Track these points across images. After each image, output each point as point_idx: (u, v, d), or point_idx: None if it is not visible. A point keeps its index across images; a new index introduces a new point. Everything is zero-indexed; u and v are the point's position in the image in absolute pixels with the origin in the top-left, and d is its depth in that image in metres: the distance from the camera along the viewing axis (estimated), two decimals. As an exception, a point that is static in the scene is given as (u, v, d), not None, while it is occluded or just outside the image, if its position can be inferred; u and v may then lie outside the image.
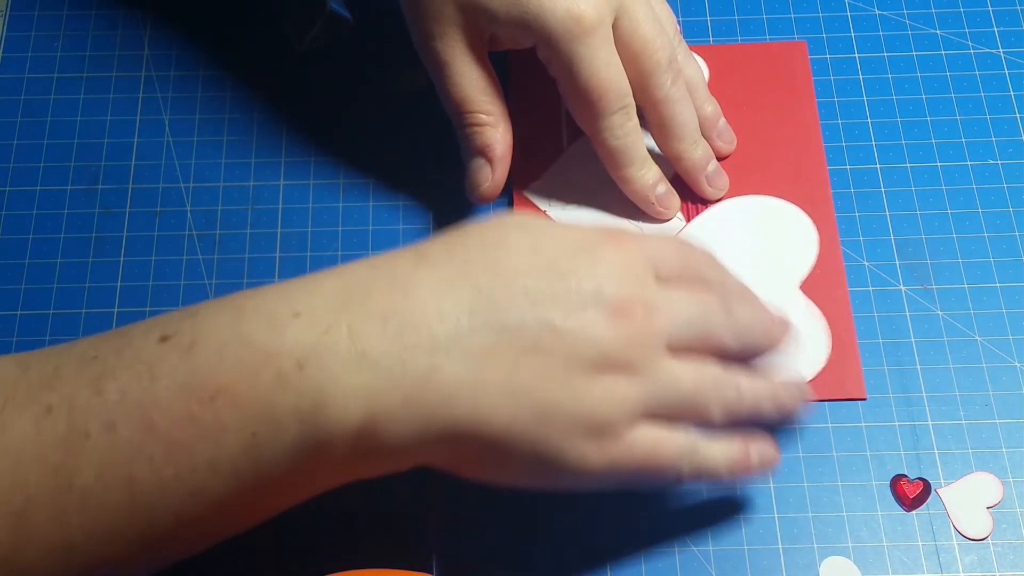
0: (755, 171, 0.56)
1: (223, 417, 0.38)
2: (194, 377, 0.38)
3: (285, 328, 0.39)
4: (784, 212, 0.55)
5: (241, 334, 0.39)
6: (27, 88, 0.60)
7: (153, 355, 0.39)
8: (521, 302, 0.40)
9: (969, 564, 0.48)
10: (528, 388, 0.40)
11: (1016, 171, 0.56)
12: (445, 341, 0.39)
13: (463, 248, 0.42)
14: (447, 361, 0.39)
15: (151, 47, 0.61)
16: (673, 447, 0.43)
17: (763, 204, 0.56)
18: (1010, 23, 0.60)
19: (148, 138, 0.58)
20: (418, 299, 0.40)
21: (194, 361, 0.38)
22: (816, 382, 0.51)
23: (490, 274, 0.41)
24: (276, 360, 0.38)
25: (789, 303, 0.53)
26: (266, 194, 0.57)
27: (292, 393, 0.38)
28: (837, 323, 0.52)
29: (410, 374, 0.39)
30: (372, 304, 0.40)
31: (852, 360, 0.52)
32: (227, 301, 0.41)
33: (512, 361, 0.39)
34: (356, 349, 0.38)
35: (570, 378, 0.40)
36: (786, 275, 0.54)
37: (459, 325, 0.39)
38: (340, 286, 0.41)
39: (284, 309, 0.39)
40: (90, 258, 0.55)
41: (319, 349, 0.38)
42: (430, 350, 0.39)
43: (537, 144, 0.57)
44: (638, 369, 0.41)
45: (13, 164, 0.58)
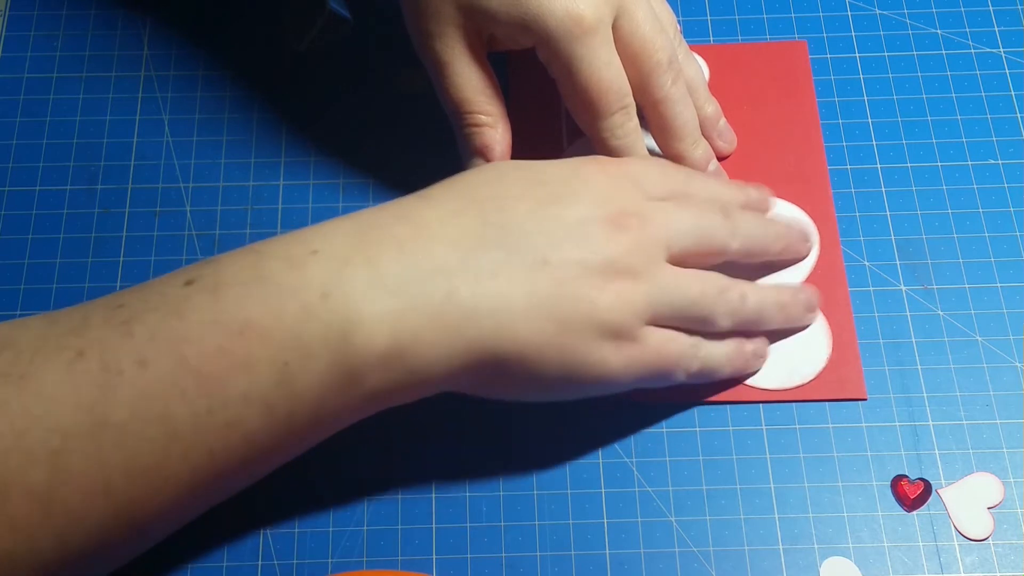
0: (755, 171, 0.56)
1: (253, 349, 0.39)
2: (222, 314, 0.39)
3: (305, 265, 0.41)
4: (785, 211, 0.55)
5: (263, 274, 0.40)
6: (27, 88, 0.60)
7: (179, 297, 0.40)
8: (526, 224, 0.43)
9: (970, 564, 0.48)
10: (544, 300, 0.42)
11: (1017, 171, 0.56)
12: (459, 264, 0.42)
13: (464, 185, 0.46)
14: (464, 282, 0.41)
15: (151, 47, 0.61)
16: (680, 345, 0.46)
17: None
18: (1011, 22, 0.60)
19: (148, 138, 0.58)
20: (428, 230, 0.43)
21: (220, 300, 0.40)
22: (816, 382, 0.51)
23: (493, 203, 0.44)
24: (300, 294, 0.40)
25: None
26: (266, 194, 0.57)
27: (318, 323, 0.40)
28: (837, 323, 0.52)
29: (431, 297, 0.41)
30: (386, 237, 0.42)
31: (852, 360, 0.52)
32: (245, 249, 0.42)
33: (525, 277, 0.42)
34: (376, 277, 0.41)
35: (581, 287, 0.43)
36: (786, 275, 0.54)
37: (470, 248, 0.42)
38: (353, 226, 0.43)
39: (302, 249, 0.41)
40: (90, 258, 0.55)
41: (340, 280, 0.40)
42: (447, 273, 0.41)
43: (537, 144, 0.57)
44: (642, 275, 0.44)
45: (13, 164, 0.57)
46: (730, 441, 0.50)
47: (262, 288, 0.40)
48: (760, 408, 0.51)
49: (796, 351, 0.52)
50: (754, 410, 0.51)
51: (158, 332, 0.39)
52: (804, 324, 0.51)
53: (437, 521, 0.49)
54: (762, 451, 0.50)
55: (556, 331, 0.43)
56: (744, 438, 0.51)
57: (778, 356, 0.52)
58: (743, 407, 0.51)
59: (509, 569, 0.48)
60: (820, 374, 0.52)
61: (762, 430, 0.51)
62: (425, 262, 0.42)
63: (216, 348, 0.39)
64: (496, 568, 0.48)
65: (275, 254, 0.41)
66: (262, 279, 0.40)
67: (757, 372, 0.51)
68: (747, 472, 0.50)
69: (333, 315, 0.40)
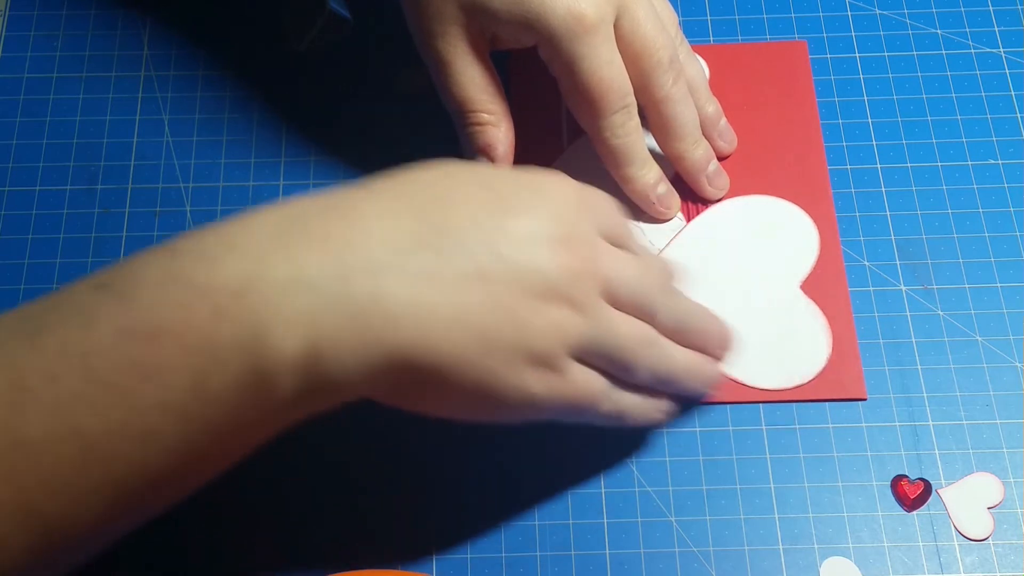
0: (756, 170, 0.56)
1: (165, 357, 0.37)
2: (132, 320, 0.37)
3: (220, 262, 0.38)
4: (785, 211, 0.55)
5: (175, 273, 0.38)
6: (27, 88, 0.60)
7: (90, 304, 0.38)
8: (468, 229, 0.40)
9: (970, 565, 0.48)
10: (472, 315, 0.39)
11: (1017, 171, 0.56)
12: (388, 264, 0.39)
13: (410, 181, 0.42)
14: (390, 284, 0.38)
15: (151, 47, 0.61)
16: (600, 385, 0.44)
17: (764, 204, 0.56)
18: (1011, 22, 0.60)
19: (148, 138, 0.58)
20: (360, 223, 0.39)
21: (131, 305, 0.38)
22: (816, 382, 0.51)
23: (436, 203, 0.41)
24: (212, 294, 0.37)
25: (790, 303, 0.53)
26: (266, 194, 0.57)
27: (230, 325, 0.37)
28: (838, 323, 0.52)
29: (352, 297, 0.38)
30: (312, 230, 0.39)
31: (852, 360, 0.52)
32: (164, 245, 0.40)
33: (457, 287, 0.39)
34: (294, 273, 0.38)
35: (515, 307, 0.40)
36: (787, 275, 0.54)
37: (403, 248, 0.39)
38: (278, 217, 0.40)
39: (219, 245, 0.39)
40: (90, 258, 0.55)
41: (255, 277, 0.38)
42: (373, 272, 0.38)
43: (537, 144, 0.57)
44: (580, 306, 0.42)
45: (13, 164, 0.57)
46: (730, 441, 0.50)
47: (174, 289, 0.38)
48: (760, 408, 0.51)
49: (796, 351, 0.52)
50: (754, 410, 0.51)
51: (67, 344, 0.37)
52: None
53: (437, 521, 0.49)
54: (762, 451, 0.50)
55: (480, 350, 0.40)
56: (744, 438, 0.51)
57: (778, 356, 0.52)
58: (743, 407, 0.51)
59: (509, 569, 0.48)
60: (820, 374, 0.51)
61: (762, 430, 0.51)
62: (351, 259, 0.38)
63: (126, 358, 0.37)
64: (496, 568, 0.48)
65: (190, 250, 0.39)
66: (175, 279, 0.38)
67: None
68: (747, 472, 0.50)
69: (245, 316, 0.37)
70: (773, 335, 0.52)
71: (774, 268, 0.54)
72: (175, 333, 0.37)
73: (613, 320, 0.43)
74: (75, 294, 0.39)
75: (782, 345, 0.52)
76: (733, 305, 0.52)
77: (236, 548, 0.48)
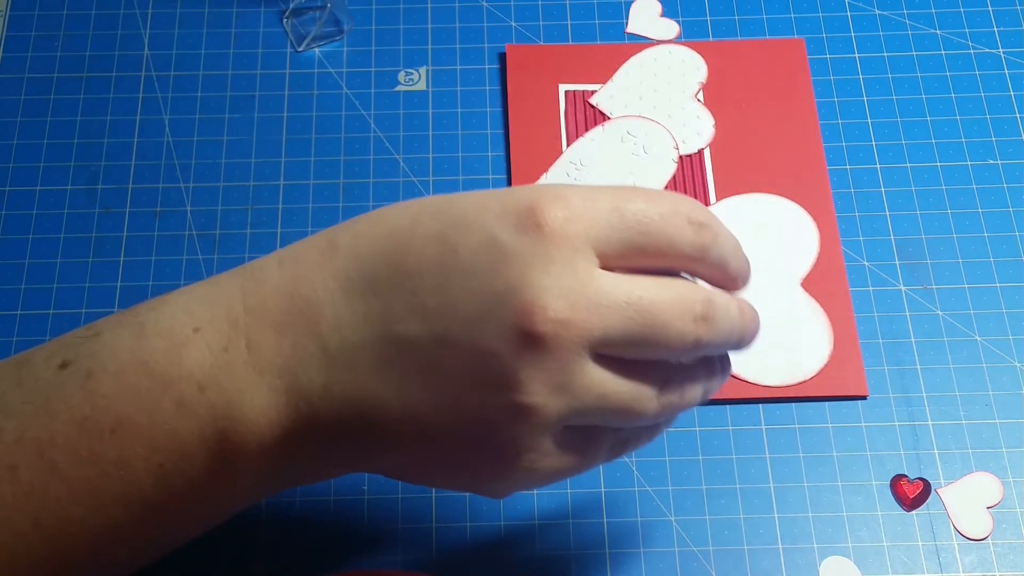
0: (755, 169, 0.56)
1: (126, 451, 0.36)
2: (94, 409, 0.36)
3: (185, 347, 0.37)
4: (785, 210, 0.55)
5: (140, 357, 0.36)
6: (27, 88, 0.60)
7: (52, 385, 0.37)
8: (417, 311, 0.36)
9: (969, 564, 0.48)
10: (423, 407, 0.36)
11: (1016, 171, 0.56)
12: (339, 355, 0.36)
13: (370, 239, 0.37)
14: (342, 376, 0.36)
15: (151, 47, 0.61)
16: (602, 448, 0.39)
17: (763, 202, 0.56)
18: (1010, 23, 0.60)
19: (148, 138, 0.58)
20: (314, 305, 0.37)
21: (93, 391, 0.36)
22: (818, 379, 0.51)
23: (391, 271, 0.36)
24: (176, 385, 0.36)
25: (791, 300, 0.53)
26: (266, 194, 0.57)
27: (195, 421, 0.36)
28: (839, 320, 0.52)
29: (309, 390, 0.36)
30: (271, 308, 0.37)
31: (854, 357, 0.52)
32: (130, 315, 0.38)
33: (405, 377, 0.36)
34: (256, 363, 0.36)
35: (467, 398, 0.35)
36: (787, 273, 0.54)
37: (352, 338, 0.36)
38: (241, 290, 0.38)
39: (184, 323, 0.37)
40: (90, 258, 0.55)
41: (217, 370, 0.36)
42: (326, 366, 0.36)
43: (536, 145, 0.57)
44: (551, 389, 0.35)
45: (13, 164, 0.57)
46: (730, 441, 0.51)
47: (137, 378, 0.36)
48: (760, 408, 0.51)
49: (798, 347, 0.52)
50: (754, 410, 0.51)
51: (26, 433, 0.36)
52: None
53: (437, 521, 0.49)
54: (762, 451, 0.50)
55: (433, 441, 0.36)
56: (744, 438, 0.51)
57: (780, 352, 0.52)
58: (743, 407, 0.51)
59: (509, 569, 0.48)
60: (821, 371, 0.52)
61: (761, 430, 0.51)
62: (304, 352, 0.36)
63: (88, 452, 0.36)
64: (496, 568, 0.48)
65: (158, 329, 0.37)
66: (138, 364, 0.36)
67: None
68: (747, 472, 0.50)
69: (209, 411, 0.36)
70: (775, 333, 0.52)
71: (775, 266, 0.54)
72: (138, 425, 0.36)
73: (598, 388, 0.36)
74: (37, 369, 0.38)
75: (784, 342, 0.52)
76: None
77: (235, 547, 0.48)
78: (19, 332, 0.53)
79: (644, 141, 0.56)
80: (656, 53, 0.60)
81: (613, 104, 0.58)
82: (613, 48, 0.60)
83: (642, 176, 0.56)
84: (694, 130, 0.58)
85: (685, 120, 0.58)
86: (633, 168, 0.57)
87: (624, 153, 0.57)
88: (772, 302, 0.53)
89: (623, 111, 0.58)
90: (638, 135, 0.57)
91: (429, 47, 0.60)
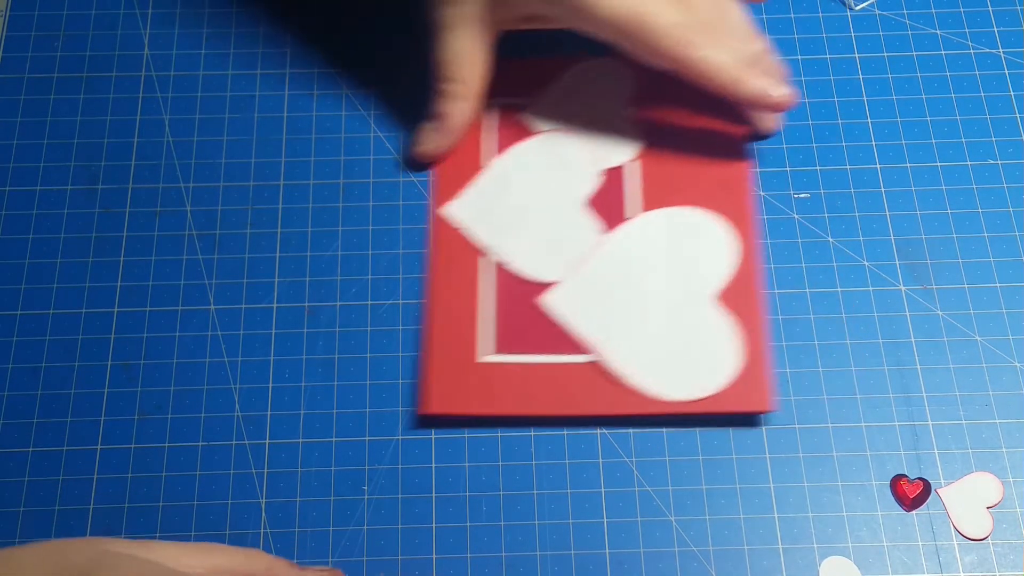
0: (679, 182, 0.55)
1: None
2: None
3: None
4: (706, 224, 0.54)
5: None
6: (28, 88, 0.60)
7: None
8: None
9: (969, 564, 0.48)
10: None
11: (1016, 171, 0.56)
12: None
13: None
14: None
15: (151, 47, 0.61)
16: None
17: (685, 215, 0.55)
18: (1010, 23, 0.60)
19: (148, 138, 0.58)
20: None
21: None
22: (724, 394, 0.50)
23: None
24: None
25: (704, 314, 0.52)
26: (266, 194, 0.57)
27: None
28: (750, 335, 0.52)
29: None
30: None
31: (762, 373, 0.51)
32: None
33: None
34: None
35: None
36: (704, 286, 0.53)
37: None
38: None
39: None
40: (90, 258, 0.55)
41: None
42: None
43: (456, 162, 0.56)
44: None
45: (13, 164, 0.58)
46: (730, 441, 0.51)
47: None
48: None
49: (705, 362, 0.51)
50: (754, 410, 0.51)
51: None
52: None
53: (437, 521, 0.49)
54: (762, 451, 0.50)
55: None
56: (744, 438, 0.51)
57: (687, 367, 0.51)
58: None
59: (509, 569, 0.48)
60: (729, 387, 0.51)
61: (762, 430, 0.51)
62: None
63: None
64: (496, 568, 0.48)
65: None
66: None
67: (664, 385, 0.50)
68: (747, 472, 0.50)
69: None
70: (684, 346, 0.51)
71: (691, 280, 0.53)
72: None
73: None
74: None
75: (694, 357, 0.51)
76: (648, 316, 0.52)
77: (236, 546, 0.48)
78: (19, 332, 0.53)
79: (568, 155, 0.56)
80: (584, 67, 0.59)
81: (539, 118, 0.57)
82: (539, 62, 0.59)
83: (564, 190, 0.56)
84: (619, 143, 0.57)
85: (610, 134, 0.57)
86: (556, 182, 0.56)
87: (548, 167, 0.56)
88: (685, 316, 0.52)
89: (549, 125, 0.57)
90: (562, 149, 0.56)
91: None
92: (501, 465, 0.50)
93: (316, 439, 0.51)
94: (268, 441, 0.51)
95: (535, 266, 0.54)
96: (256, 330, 0.53)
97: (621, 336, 0.52)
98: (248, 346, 0.53)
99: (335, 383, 0.52)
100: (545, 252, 0.54)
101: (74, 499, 0.50)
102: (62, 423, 0.51)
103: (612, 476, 0.50)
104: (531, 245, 0.54)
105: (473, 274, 0.54)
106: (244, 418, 0.51)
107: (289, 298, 0.54)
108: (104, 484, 0.50)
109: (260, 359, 0.53)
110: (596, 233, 0.55)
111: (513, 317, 0.53)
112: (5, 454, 0.51)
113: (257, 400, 0.52)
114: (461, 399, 0.51)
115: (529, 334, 0.52)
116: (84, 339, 0.53)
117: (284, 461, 0.50)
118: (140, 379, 0.52)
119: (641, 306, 0.52)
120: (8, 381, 0.52)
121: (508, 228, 0.55)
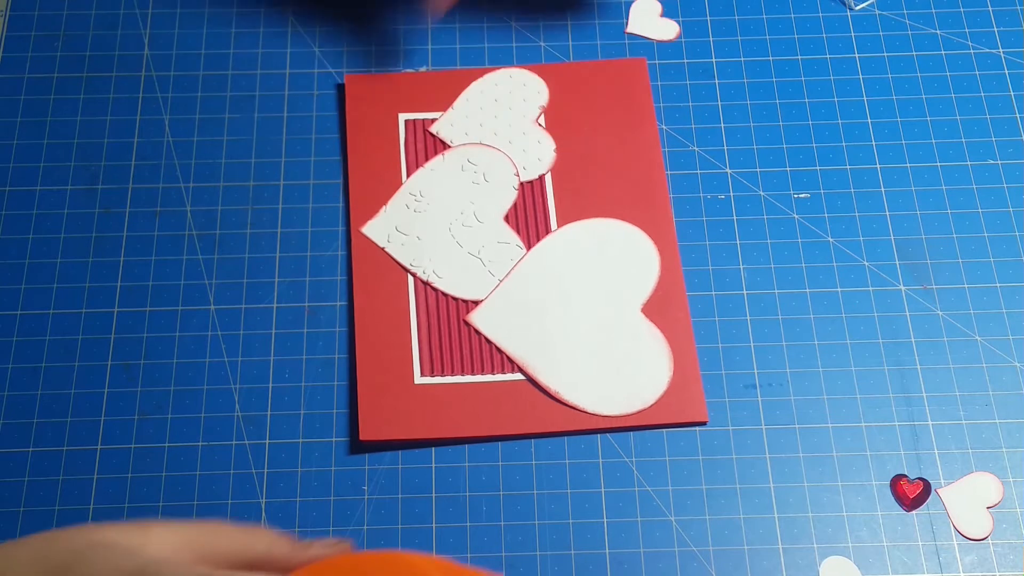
0: (597, 193, 0.55)
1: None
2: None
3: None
4: (626, 234, 0.54)
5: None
6: (28, 88, 0.60)
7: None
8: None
9: (969, 564, 0.48)
10: None
11: (1016, 171, 0.56)
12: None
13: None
14: None
15: (151, 47, 0.61)
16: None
17: (605, 227, 0.55)
18: (1010, 23, 0.60)
19: (148, 138, 0.58)
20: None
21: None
22: (657, 406, 0.51)
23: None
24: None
25: (631, 326, 0.52)
26: (266, 194, 0.57)
27: None
28: (679, 347, 0.52)
29: None
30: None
31: (693, 383, 0.51)
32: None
33: None
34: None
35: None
36: (628, 298, 0.53)
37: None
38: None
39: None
40: (90, 258, 0.55)
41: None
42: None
43: (376, 176, 0.56)
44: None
45: (13, 164, 0.57)
46: (730, 441, 0.51)
47: None
48: (759, 405, 0.51)
49: (637, 376, 0.51)
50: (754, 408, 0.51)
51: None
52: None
53: (437, 521, 0.49)
54: (762, 451, 0.50)
55: None
56: (744, 438, 0.51)
57: (619, 381, 0.51)
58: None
59: (509, 569, 0.48)
60: (661, 398, 0.51)
61: (762, 430, 0.51)
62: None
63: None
64: (496, 568, 0.48)
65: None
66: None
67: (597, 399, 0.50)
68: (747, 472, 0.50)
69: None
70: (614, 360, 0.51)
71: (615, 292, 0.53)
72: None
73: None
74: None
75: (623, 370, 0.51)
76: (575, 330, 0.52)
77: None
78: (19, 332, 0.53)
79: (484, 169, 0.56)
80: (496, 78, 0.58)
81: (453, 132, 0.57)
82: (452, 74, 0.59)
83: (483, 204, 0.55)
84: (535, 156, 0.56)
85: (526, 146, 0.57)
86: (474, 197, 0.55)
87: (464, 182, 0.56)
88: (612, 329, 0.52)
89: (463, 139, 0.57)
90: (478, 163, 0.56)
91: (429, 46, 0.60)
92: (501, 465, 0.50)
93: (316, 439, 0.51)
94: (268, 441, 0.51)
95: (459, 284, 0.53)
96: (256, 330, 0.53)
97: (549, 352, 0.51)
98: (248, 346, 0.53)
99: (335, 383, 0.52)
100: (468, 269, 0.54)
101: (74, 499, 0.50)
102: (62, 423, 0.51)
103: (612, 476, 0.50)
104: (453, 262, 0.54)
105: (403, 293, 0.53)
106: (244, 418, 0.51)
107: (289, 298, 0.54)
108: (104, 484, 0.50)
109: (260, 359, 0.53)
110: (517, 248, 0.54)
111: (441, 337, 0.52)
112: (5, 454, 0.51)
113: (257, 400, 0.52)
114: (395, 424, 0.50)
115: (457, 354, 0.52)
116: (84, 339, 0.53)
117: (284, 461, 0.50)
118: (140, 379, 0.52)
119: (567, 321, 0.52)
120: (8, 381, 0.52)
121: (429, 246, 0.54)
